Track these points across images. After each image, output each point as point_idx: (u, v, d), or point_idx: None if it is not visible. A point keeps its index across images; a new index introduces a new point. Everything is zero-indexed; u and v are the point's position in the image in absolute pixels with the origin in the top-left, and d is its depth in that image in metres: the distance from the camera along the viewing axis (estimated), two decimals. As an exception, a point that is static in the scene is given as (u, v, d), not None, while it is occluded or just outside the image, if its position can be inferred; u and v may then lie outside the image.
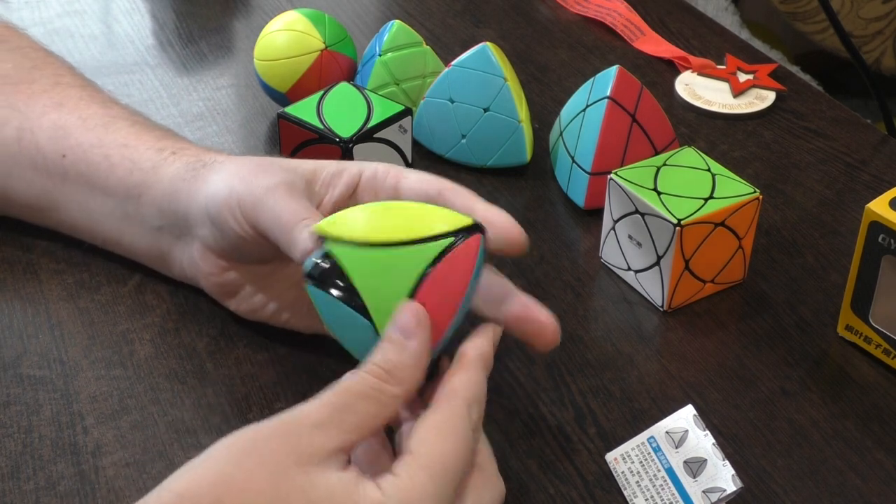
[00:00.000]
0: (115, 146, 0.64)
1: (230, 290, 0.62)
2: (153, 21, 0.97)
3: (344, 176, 0.58)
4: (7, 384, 0.60)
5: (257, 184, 0.56)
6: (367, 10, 1.00)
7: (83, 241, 0.67)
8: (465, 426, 0.47)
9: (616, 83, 0.72)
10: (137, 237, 0.64)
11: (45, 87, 0.67)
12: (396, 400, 0.46)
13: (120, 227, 0.64)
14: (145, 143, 0.63)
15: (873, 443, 0.59)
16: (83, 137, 0.64)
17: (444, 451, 0.46)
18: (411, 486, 0.45)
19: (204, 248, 0.61)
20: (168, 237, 0.63)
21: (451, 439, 0.46)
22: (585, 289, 0.69)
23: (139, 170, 0.62)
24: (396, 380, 0.46)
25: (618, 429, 0.59)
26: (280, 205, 0.55)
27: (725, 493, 0.51)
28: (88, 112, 0.66)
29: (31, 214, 0.68)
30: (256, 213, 0.56)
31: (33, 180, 0.65)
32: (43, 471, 0.55)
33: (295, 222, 0.53)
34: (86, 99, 0.67)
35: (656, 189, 0.65)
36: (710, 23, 0.99)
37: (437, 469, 0.45)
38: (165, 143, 0.64)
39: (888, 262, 0.61)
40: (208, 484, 0.42)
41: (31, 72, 0.68)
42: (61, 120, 0.65)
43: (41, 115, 0.66)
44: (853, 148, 0.82)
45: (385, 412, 0.46)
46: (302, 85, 0.80)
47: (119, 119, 0.65)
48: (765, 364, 0.63)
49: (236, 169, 0.59)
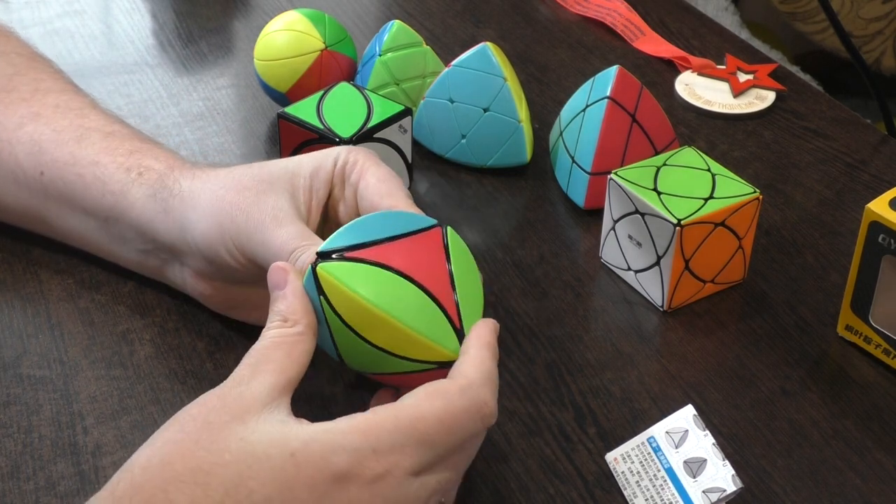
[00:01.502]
0: (86, 164, 0.62)
1: (230, 305, 0.62)
2: (153, 21, 0.97)
3: (321, 174, 0.58)
4: (7, 384, 0.60)
5: (244, 220, 0.56)
6: (367, 10, 1.00)
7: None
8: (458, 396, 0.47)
9: (616, 83, 0.72)
10: (126, 256, 0.64)
11: (24, 96, 0.66)
12: (301, 337, 0.49)
13: (108, 245, 0.64)
14: (115, 161, 0.62)
15: (873, 443, 0.59)
16: (57, 153, 0.63)
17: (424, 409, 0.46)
18: (372, 422, 0.45)
19: (196, 273, 0.61)
20: (155, 259, 0.63)
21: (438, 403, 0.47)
22: (585, 289, 0.69)
23: (110, 192, 0.61)
24: (292, 320, 0.49)
25: (618, 429, 0.59)
26: (270, 237, 0.55)
27: (725, 493, 0.51)
28: (63, 123, 0.64)
29: (23, 223, 0.68)
30: (251, 249, 0.56)
31: (17, 194, 0.65)
32: (43, 471, 0.55)
33: (287, 254, 0.53)
34: (61, 107, 0.65)
35: (656, 189, 0.65)
36: (710, 23, 0.99)
37: (406, 418, 0.46)
38: (133, 159, 0.62)
39: (888, 262, 0.61)
40: (160, 453, 0.45)
41: (12, 79, 0.67)
42: (37, 133, 0.64)
43: (18, 128, 0.65)
44: (853, 148, 0.82)
45: (297, 349, 0.48)
46: (302, 85, 0.80)
47: (92, 131, 0.64)
48: (765, 364, 0.63)
49: (213, 202, 0.57)
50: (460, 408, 0.47)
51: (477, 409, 0.47)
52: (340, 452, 0.44)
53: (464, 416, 0.47)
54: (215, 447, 0.44)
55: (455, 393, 0.47)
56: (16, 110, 0.65)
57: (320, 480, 0.44)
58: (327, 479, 0.44)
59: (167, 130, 0.81)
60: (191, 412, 0.46)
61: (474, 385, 0.48)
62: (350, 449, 0.45)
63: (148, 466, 0.44)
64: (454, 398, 0.47)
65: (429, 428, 0.46)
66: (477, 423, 0.47)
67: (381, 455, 0.45)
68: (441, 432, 0.46)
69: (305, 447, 0.44)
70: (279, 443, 0.44)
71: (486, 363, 0.49)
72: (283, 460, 0.44)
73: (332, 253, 0.50)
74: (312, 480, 0.44)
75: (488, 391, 0.48)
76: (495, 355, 0.50)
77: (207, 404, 0.46)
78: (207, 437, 0.44)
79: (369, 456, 0.45)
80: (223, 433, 0.44)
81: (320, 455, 0.44)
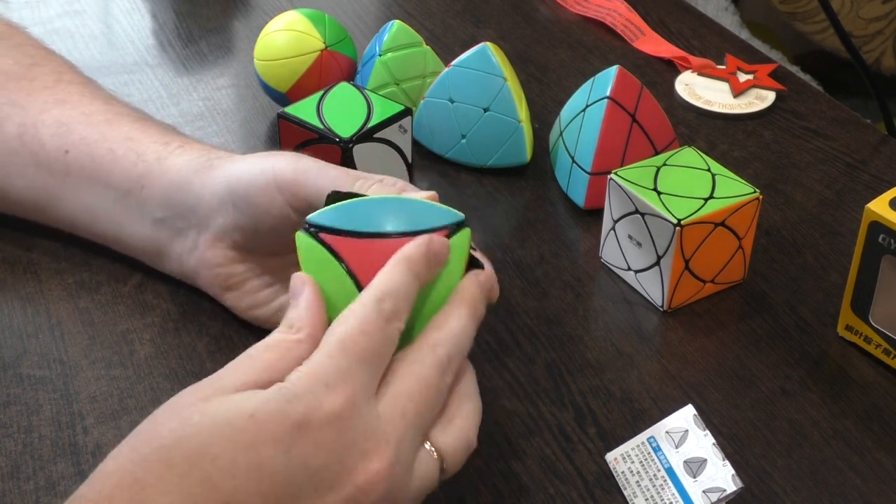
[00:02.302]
0: (119, 140, 0.64)
1: (232, 283, 0.62)
2: (153, 21, 0.97)
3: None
4: (7, 384, 0.60)
5: (301, 159, 0.57)
6: (367, 10, 1.00)
7: (82, 237, 0.67)
8: (359, 306, 0.47)
9: (616, 83, 0.72)
10: (136, 231, 0.64)
11: (47, 84, 0.67)
12: (300, 344, 0.48)
13: (119, 220, 0.64)
14: (150, 138, 0.64)
15: (873, 443, 0.59)
16: (87, 132, 0.64)
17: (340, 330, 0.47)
18: (311, 364, 0.46)
19: (214, 238, 0.61)
20: (167, 230, 0.63)
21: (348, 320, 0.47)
22: (585, 289, 0.69)
23: (143, 161, 0.63)
24: (295, 328, 0.49)
25: (618, 429, 0.59)
26: (323, 170, 0.56)
27: (725, 493, 0.51)
28: (91, 108, 0.66)
29: (29, 211, 0.68)
30: (298, 185, 0.56)
31: (34, 177, 0.65)
32: (43, 471, 0.55)
33: (351, 181, 0.54)
34: (87, 96, 0.67)
35: (656, 189, 0.65)
36: (710, 23, 0.99)
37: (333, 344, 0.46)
38: (171, 137, 0.64)
39: (888, 262, 0.61)
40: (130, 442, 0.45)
41: (32, 68, 0.68)
42: (64, 116, 0.65)
43: (42, 112, 0.66)
44: (853, 148, 0.82)
45: (291, 354, 0.48)
46: (302, 85, 0.80)
47: (122, 115, 0.66)
48: (765, 364, 0.63)
49: (265, 155, 0.59)
50: (368, 316, 0.47)
51: (378, 314, 0.47)
52: (295, 400, 0.44)
53: (374, 323, 0.47)
54: (177, 424, 0.44)
55: (356, 307, 0.48)
56: (39, 97, 0.66)
57: (283, 433, 0.44)
58: (289, 430, 0.44)
59: (167, 130, 0.81)
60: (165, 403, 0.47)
61: (365, 296, 0.48)
62: (303, 393, 0.45)
63: (118, 455, 0.45)
64: (357, 310, 0.47)
65: (356, 343, 0.46)
66: (386, 326, 0.47)
67: (333, 387, 0.45)
68: (368, 342, 0.46)
69: (263, 405, 0.44)
70: (238, 408, 0.44)
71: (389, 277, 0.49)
72: (242, 422, 0.44)
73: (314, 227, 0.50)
74: (275, 435, 0.44)
75: (387, 300, 0.48)
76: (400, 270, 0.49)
77: (181, 393, 0.47)
78: (171, 417, 0.45)
79: (323, 392, 0.45)
80: (186, 411, 0.45)
81: (277, 409, 0.44)
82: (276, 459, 0.44)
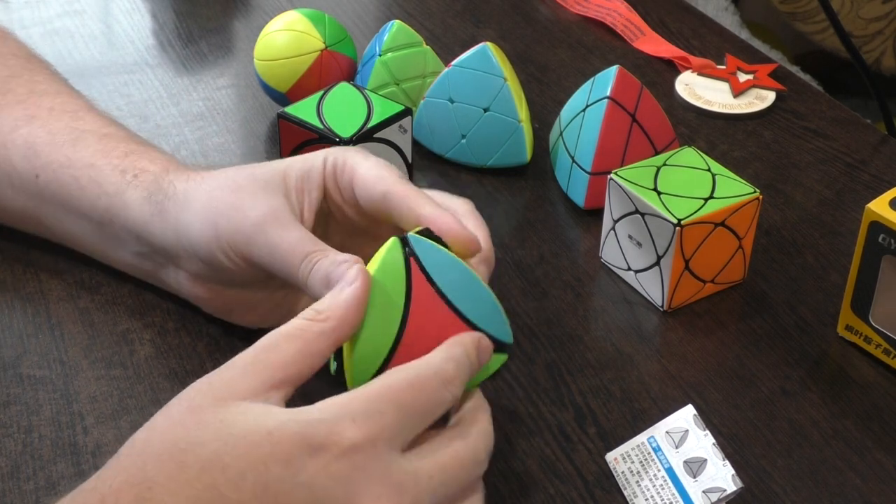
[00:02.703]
0: (82, 166, 0.62)
1: (227, 309, 0.62)
2: (153, 21, 0.97)
3: (312, 176, 0.57)
4: (7, 384, 0.60)
5: (241, 219, 0.55)
6: (367, 10, 1.00)
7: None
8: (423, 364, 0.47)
9: (616, 83, 0.72)
10: (121, 258, 0.64)
11: (20, 98, 0.66)
12: (323, 336, 0.47)
13: (103, 247, 0.64)
14: (110, 164, 0.62)
15: (873, 443, 0.59)
16: (52, 156, 0.63)
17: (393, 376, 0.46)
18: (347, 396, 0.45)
19: (192, 276, 0.61)
20: (150, 262, 0.63)
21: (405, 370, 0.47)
22: (585, 289, 0.69)
23: (105, 194, 0.61)
24: (323, 317, 0.47)
25: (618, 429, 0.59)
26: (274, 240, 0.54)
27: (725, 493, 0.51)
28: (58, 126, 0.64)
29: (20, 225, 0.68)
30: (250, 251, 0.55)
31: (14, 197, 0.65)
32: (43, 471, 0.55)
33: (298, 259, 0.53)
34: (56, 110, 0.65)
35: (656, 189, 0.65)
36: (710, 23, 0.99)
37: (378, 386, 0.46)
38: (128, 161, 0.62)
39: (888, 262, 0.61)
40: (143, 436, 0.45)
41: (7, 81, 0.67)
42: (31, 135, 0.64)
43: (12, 130, 0.64)
44: (853, 148, 0.82)
45: (310, 348, 0.47)
46: (302, 85, 0.80)
47: (87, 133, 0.64)
48: (765, 364, 0.63)
49: (208, 202, 0.57)
50: (427, 372, 0.47)
51: (438, 376, 0.47)
52: (317, 425, 0.44)
53: (431, 381, 0.47)
54: (194, 427, 0.44)
55: (416, 363, 0.48)
56: (10, 112, 0.65)
57: (296, 455, 0.44)
58: (303, 453, 0.44)
59: (167, 130, 0.81)
60: (180, 397, 0.46)
61: (434, 357, 0.48)
62: (326, 420, 0.44)
63: (131, 448, 0.45)
64: (419, 365, 0.47)
65: (401, 392, 0.46)
66: (441, 390, 0.47)
67: (359, 423, 0.44)
68: (414, 396, 0.46)
69: (283, 426, 0.44)
70: (257, 423, 0.44)
71: (459, 347, 0.49)
72: (259, 437, 0.44)
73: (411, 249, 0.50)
74: (288, 455, 0.43)
75: (451, 365, 0.48)
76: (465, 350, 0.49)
77: (196, 388, 0.46)
78: (189, 418, 0.45)
79: (346, 423, 0.44)
80: (204, 415, 0.45)
81: (296, 431, 0.44)
82: (284, 481, 0.43)
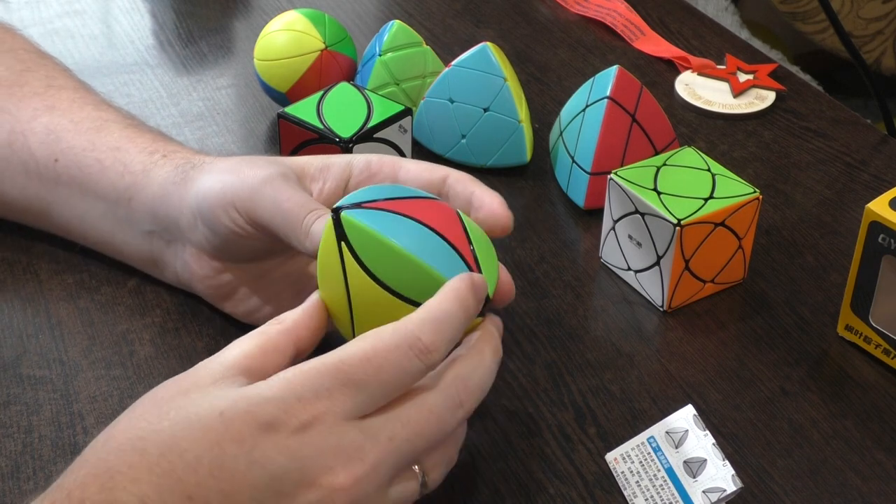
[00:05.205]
0: (106, 149, 0.63)
1: (225, 292, 0.62)
2: (153, 21, 0.97)
3: (332, 169, 0.58)
4: (7, 384, 0.60)
5: (251, 175, 0.56)
6: (367, 10, 1.00)
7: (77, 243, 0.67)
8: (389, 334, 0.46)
9: (616, 83, 0.72)
10: (129, 241, 0.64)
11: (37, 90, 0.67)
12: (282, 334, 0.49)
13: (112, 230, 0.64)
14: (137, 146, 0.63)
15: (873, 443, 0.59)
16: (75, 141, 0.64)
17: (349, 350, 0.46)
18: (297, 371, 0.46)
19: (197, 251, 0.61)
20: (159, 242, 0.63)
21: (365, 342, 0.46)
22: (585, 289, 0.69)
23: (130, 173, 0.62)
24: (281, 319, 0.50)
25: (618, 429, 0.59)
26: (280, 195, 0.55)
27: (725, 493, 0.51)
28: (80, 115, 0.65)
29: (24, 217, 0.68)
30: (254, 205, 0.56)
31: (25, 185, 0.65)
32: (43, 471, 0.55)
33: (302, 213, 0.54)
34: (78, 101, 0.66)
35: (656, 189, 0.65)
36: (710, 23, 0.99)
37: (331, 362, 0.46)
38: (157, 145, 0.63)
39: (888, 262, 0.61)
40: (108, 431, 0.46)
41: (23, 74, 0.68)
42: (52, 123, 0.65)
43: (32, 119, 0.65)
44: (853, 148, 0.82)
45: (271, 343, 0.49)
46: (302, 85, 0.80)
47: (111, 122, 0.65)
48: (765, 364, 0.63)
49: (226, 166, 0.59)
50: (389, 344, 0.46)
51: (409, 345, 0.46)
52: (265, 404, 0.45)
53: (394, 353, 0.46)
54: (155, 417, 0.45)
55: (387, 330, 0.47)
56: (29, 103, 0.66)
57: (248, 433, 0.44)
58: (254, 431, 0.44)
59: (167, 130, 0.81)
60: (145, 395, 0.47)
61: (410, 321, 0.47)
62: (275, 398, 0.45)
63: (95, 444, 0.46)
64: (384, 335, 0.46)
65: (353, 368, 0.45)
66: (411, 359, 0.46)
67: (306, 402, 0.45)
68: (368, 371, 0.45)
69: (233, 405, 0.45)
70: (212, 406, 0.45)
71: (439, 304, 0.48)
72: (211, 419, 0.44)
73: (350, 207, 0.50)
74: (240, 435, 0.44)
75: (427, 328, 0.47)
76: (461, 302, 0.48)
77: (163, 385, 0.47)
78: (151, 410, 0.46)
79: (294, 404, 0.45)
80: (165, 405, 0.46)
81: (246, 409, 0.44)
82: (238, 459, 0.44)
